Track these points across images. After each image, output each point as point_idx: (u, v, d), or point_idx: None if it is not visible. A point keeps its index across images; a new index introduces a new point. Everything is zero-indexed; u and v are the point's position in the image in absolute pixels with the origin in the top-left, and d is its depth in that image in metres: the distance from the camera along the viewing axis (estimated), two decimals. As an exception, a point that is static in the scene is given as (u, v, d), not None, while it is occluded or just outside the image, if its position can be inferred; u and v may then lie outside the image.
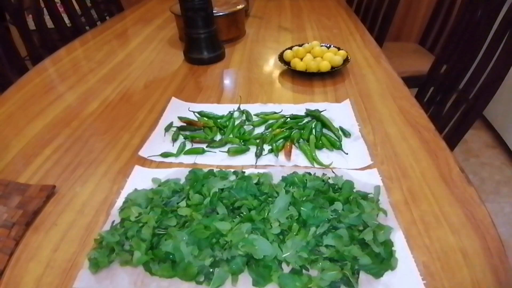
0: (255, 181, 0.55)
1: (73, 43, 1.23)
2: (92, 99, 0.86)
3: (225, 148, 0.65)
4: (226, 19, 1.12)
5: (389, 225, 0.48)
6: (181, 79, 0.93)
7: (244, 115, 0.75)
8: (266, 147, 0.66)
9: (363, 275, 0.43)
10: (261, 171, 0.59)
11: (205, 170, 0.59)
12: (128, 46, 1.19)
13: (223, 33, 1.11)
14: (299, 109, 0.76)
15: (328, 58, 0.90)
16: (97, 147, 0.69)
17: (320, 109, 0.74)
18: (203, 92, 0.87)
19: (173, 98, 0.83)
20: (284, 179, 0.57)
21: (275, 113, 0.75)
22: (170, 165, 0.63)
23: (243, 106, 0.78)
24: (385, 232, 0.46)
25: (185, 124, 0.72)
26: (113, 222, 0.51)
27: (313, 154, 0.63)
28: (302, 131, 0.68)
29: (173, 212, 0.50)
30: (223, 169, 0.60)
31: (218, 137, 0.70)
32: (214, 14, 1.01)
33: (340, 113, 0.75)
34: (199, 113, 0.76)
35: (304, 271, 0.44)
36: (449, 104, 0.98)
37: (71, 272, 0.45)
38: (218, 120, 0.73)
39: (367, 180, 0.57)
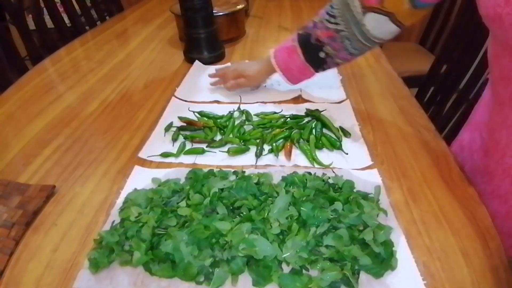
0: (255, 181, 0.55)
1: (73, 43, 1.23)
2: (92, 99, 0.86)
3: (225, 148, 0.65)
4: (226, 19, 1.12)
5: (389, 225, 0.48)
6: (181, 79, 0.93)
7: (244, 115, 0.75)
8: (266, 147, 0.66)
9: (363, 275, 0.43)
10: (261, 171, 0.59)
11: (205, 170, 0.59)
12: (128, 46, 1.19)
13: (223, 33, 1.11)
14: (299, 109, 0.76)
15: None
16: (97, 147, 0.69)
17: (320, 109, 0.74)
18: (203, 92, 0.87)
19: (173, 98, 0.83)
20: (284, 179, 0.57)
21: (275, 113, 0.75)
22: (170, 165, 0.63)
23: (243, 106, 0.78)
24: (385, 232, 0.46)
25: (185, 124, 0.72)
26: (113, 222, 0.51)
27: (313, 154, 0.63)
28: (302, 131, 0.68)
29: (173, 212, 0.50)
30: (223, 169, 0.60)
31: (218, 137, 0.70)
32: (214, 14, 1.01)
33: (340, 113, 0.75)
34: (199, 113, 0.76)
35: (304, 271, 0.44)
36: (449, 104, 0.98)
37: (71, 272, 0.45)
38: (218, 120, 0.73)
39: (367, 180, 0.57)
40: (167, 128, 0.72)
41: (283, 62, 0.74)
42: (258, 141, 0.66)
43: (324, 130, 0.69)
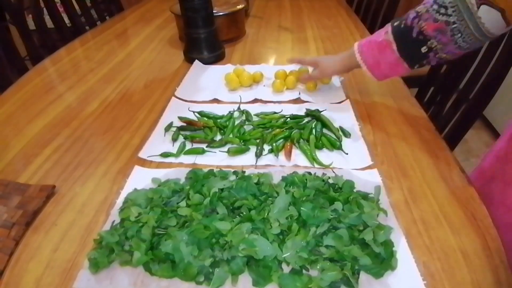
0: (255, 181, 0.55)
1: (73, 43, 1.23)
2: (92, 99, 0.86)
3: (225, 148, 0.65)
4: (226, 19, 1.12)
5: (389, 225, 0.48)
6: (181, 79, 0.93)
7: (244, 115, 0.75)
8: (266, 147, 0.66)
9: (363, 275, 0.43)
10: (261, 171, 0.59)
11: (205, 170, 0.59)
12: (128, 46, 1.19)
13: (223, 33, 1.11)
14: (299, 109, 0.76)
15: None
16: (97, 147, 0.69)
17: (320, 109, 0.74)
18: (203, 92, 0.87)
19: (173, 98, 0.83)
20: (284, 179, 0.57)
21: (275, 113, 0.75)
22: (170, 165, 0.63)
23: (243, 106, 0.78)
24: (385, 232, 0.46)
25: (185, 124, 0.72)
26: (113, 222, 0.51)
27: (313, 154, 0.63)
28: (302, 131, 0.68)
29: (173, 212, 0.50)
30: (223, 169, 0.60)
31: (218, 137, 0.70)
32: (214, 14, 1.01)
33: (340, 113, 0.75)
34: (199, 113, 0.76)
35: (304, 271, 0.44)
36: (449, 104, 0.98)
37: (71, 272, 0.45)
38: (218, 120, 0.73)
39: (367, 180, 0.57)
40: (167, 128, 0.72)
41: (372, 57, 0.68)
42: (258, 141, 0.66)
43: (324, 130, 0.69)
